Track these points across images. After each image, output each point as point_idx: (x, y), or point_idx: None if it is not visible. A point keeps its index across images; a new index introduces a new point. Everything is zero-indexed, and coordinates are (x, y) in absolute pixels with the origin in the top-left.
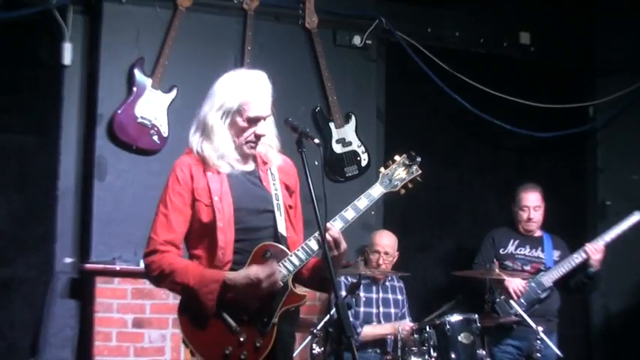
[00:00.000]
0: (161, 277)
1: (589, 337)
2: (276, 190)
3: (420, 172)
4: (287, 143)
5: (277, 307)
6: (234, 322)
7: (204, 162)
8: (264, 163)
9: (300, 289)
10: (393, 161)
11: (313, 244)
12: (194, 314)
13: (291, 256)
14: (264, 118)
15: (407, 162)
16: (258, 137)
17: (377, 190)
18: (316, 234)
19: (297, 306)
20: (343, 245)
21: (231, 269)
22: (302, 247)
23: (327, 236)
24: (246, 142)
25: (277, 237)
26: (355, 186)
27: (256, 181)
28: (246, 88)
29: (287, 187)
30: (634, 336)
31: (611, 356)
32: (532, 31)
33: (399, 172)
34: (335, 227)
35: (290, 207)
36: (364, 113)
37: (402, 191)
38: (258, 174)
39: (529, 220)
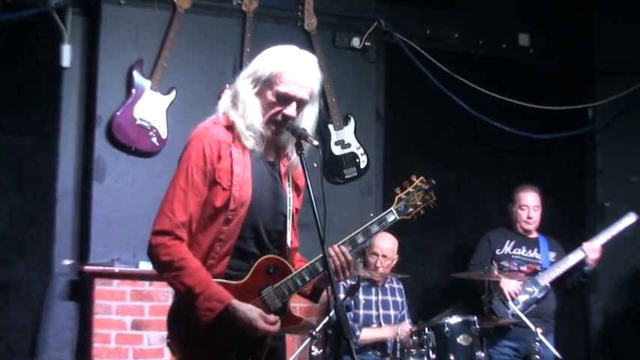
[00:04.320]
0: (167, 267)
1: (588, 339)
2: (289, 192)
3: (435, 198)
4: None
5: None
6: (227, 340)
7: (232, 131)
8: (286, 158)
9: (297, 312)
10: (410, 182)
11: (319, 266)
12: (187, 324)
13: (295, 276)
14: (298, 101)
15: (424, 186)
16: (285, 118)
17: (391, 217)
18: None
19: (294, 329)
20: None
21: (226, 275)
22: (307, 269)
23: (339, 258)
24: (270, 120)
25: (283, 248)
26: (354, 188)
27: (277, 176)
28: (283, 59)
29: (296, 187)
30: (633, 337)
31: (610, 358)
32: (531, 32)
33: (414, 198)
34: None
35: (297, 210)
36: (363, 115)
37: (415, 218)
38: (279, 168)
39: (528, 219)
